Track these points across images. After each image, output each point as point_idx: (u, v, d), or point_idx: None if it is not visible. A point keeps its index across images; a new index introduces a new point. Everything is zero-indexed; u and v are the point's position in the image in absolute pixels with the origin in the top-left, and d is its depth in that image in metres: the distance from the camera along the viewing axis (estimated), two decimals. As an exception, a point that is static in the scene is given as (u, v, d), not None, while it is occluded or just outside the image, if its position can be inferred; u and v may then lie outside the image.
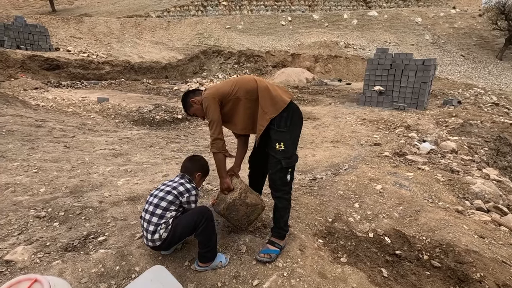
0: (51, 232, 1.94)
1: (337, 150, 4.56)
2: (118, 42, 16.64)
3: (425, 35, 22.55)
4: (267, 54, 19.20)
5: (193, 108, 1.92)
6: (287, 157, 1.78)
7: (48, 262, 1.63)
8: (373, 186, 2.99)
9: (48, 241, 1.84)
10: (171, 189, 1.70)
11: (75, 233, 1.94)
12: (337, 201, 2.64)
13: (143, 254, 1.72)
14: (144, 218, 1.65)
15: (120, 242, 1.85)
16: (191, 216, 1.63)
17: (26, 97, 8.14)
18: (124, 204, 2.37)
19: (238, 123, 1.88)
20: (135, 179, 2.89)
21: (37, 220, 2.06)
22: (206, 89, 1.91)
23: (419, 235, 2.14)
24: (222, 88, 1.82)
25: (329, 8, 29.94)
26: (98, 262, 1.62)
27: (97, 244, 1.83)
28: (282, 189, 1.85)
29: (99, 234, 1.94)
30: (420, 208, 2.51)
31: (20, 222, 2.03)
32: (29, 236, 1.89)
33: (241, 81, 1.85)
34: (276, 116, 1.77)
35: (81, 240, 1.87)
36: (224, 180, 1.90)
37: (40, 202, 2.35)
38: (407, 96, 9.40)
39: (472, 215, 2.62)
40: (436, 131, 6.34)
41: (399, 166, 3.85)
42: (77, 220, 2.10)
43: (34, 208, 2.23)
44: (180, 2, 24.24)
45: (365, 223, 2.30)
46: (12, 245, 1.79)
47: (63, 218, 2.11)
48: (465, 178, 3.34)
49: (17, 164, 3.02)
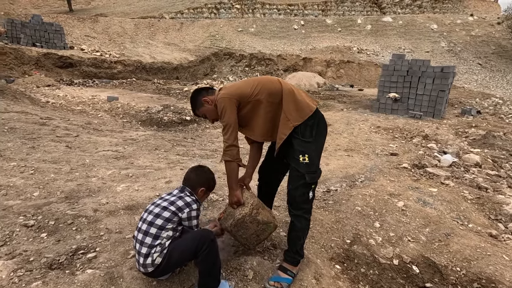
0: (37, 245, 1.75)
1: (351, 159, 4.28)
2: (131, 42, 16.74)
3: (440, 42, 22.02)
4: (278, 57, 19.02)
5: (204, 108, 1.70)
6: (311, 171, 1.58)
7: (28, 283, 1.43)
8: (394, 203, 2.71)
9: (32, 256, 1.65)
10: (168, 205, 1.47)
11: (63, 247, 1.74)
12: (355, 218, 2.38)
13: (136, 278, 1.51)
14: (137, 239, 1.43)
15: (111, 261, 1.63)
16: (192, 240, 1.39)
17: (37, 94, 8.13)
18: (121, 214, 2.17)
19: (256, 128, 1.66)
20: (136, 185, 2.69)
21: (24, 230, 1.87)
22: (221, 88, 1.68)
23: (452, 265, 1.86)
24: (242, 88, 1.61)
25: (342, 13, 29.65)
26: (83, 286, 1.41)
27: (86, 261, 1.62)
28: (302, 207, 1.64)
29: (89, 249, 1.73)
30: (450, 232, 2.22)
31: (5, 231, 1.84)
32: (13, 248, 1.70)
33: (263, 81, 1.63)
34: (300, 124, 1.57)
35: (68, 256, 1.67)
36: (235, 193, 1.66)
37: (31, 208, 2.17)
38: (423, 104, 9.04)
39: (508, 240, 2.31)
40: (456, 142, 5.98)
41: (420, 180, 3.55)
42: (68, 231, 1.90)
43: (24, 215, 2.05)
44: (193, 4, 24.37)
45: (388, 247, 2.04)
46: (-8, 258, 1.60)
47: (52, 228, 1.92)
48: (496, 197, 3.02)
49: (13, 164, 2.87)
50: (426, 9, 31.90)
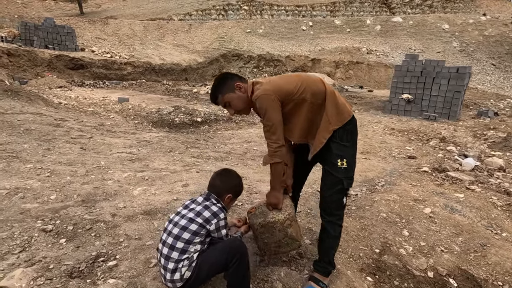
0: (56, 251, 1.69)
1: (369, 163, 4.15)
2: (140, 44, 16.86)
3: (452, 42, 21.60)
4: (286, 58, 18.92)
5: (233, 94, 1.52)
6: (349, 177, 1.52)
7: (49, 292, 1.37)
8: (420, 209, 2.59)
9: (52, 263, 1.59)
10: (194, 216, 1.37)
11: (83, 254, 1.68)
12: (381, 226, 2.27)
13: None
14: (162, 253, 1.34)
15: (133, 270, 1.56)
16: (221, 252, 1.31)
17: (50, 95, 8.20)
18: (139, 219, 2.10)
19: (295, 129, 1.56)
20: (153, 189, 2.63)
21: (42, 235, 1.82)
22: (256, 82, 1.55)
23: (493, 278, 1.74)
24: (286, 86, 1.49)
25: (351, 13, 29.39)
26: (106, 297, 1.34)
27: (107, 270, 1.56)
28: (336, 213, 1.57)
29: (110, 257, 1.66)
30: (486, 242, 2.09)
31: (24, 236, 1.79)
32: (32, 255, 1.64)
33: (307, 80, 1.53)
34: (339, 128, 1.50)
35: (88, 263, 1.60)
36: (278, 195, 1.56)
37: (49, 212, 2.12)
38: (438, 106, 8.82)
39: (547, 251, 2.17)
40: (476, 145, 5.78)
41: (444, 185, 3.41)
42: (87, 237, 1.84)
43: (42, 219, 2.00)
44: (202, 6, 24.47)
45: (421, 257, 1.92)
46: (11, 265, 1.55)
47: (71, 233, 1.86)
48: (528, 204, 2.86)
49: (30, 166, 2.84)
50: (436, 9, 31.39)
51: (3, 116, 4.46)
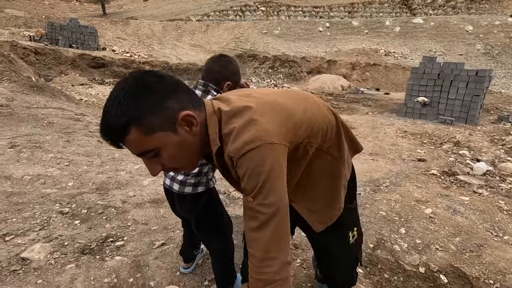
0: (71, 231, 1.86)
1: (376, 164, 4.16)
2: (159, 44, 17.35)
3: (476, 44, 20.85)
4: (302, 59, 18.89)
5: (174, 136, 0.71)
6: (359, 246, 1.12)
7: (63, 265, 1.53)
8: (421, 209, 2.60)
9: (67, 240, 1.75)
10: None
11: (94, 234, 1.84)
12: (379, 223, 2.31)
13: (160, 267, 1.56)
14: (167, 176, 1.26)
15: (137, 250, 1.71)
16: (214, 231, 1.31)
17: (72, 92, 8.64)
18: (147, 207, 2.26)
19: (316, 202, 0.94)
20: (161, 180, 2.78)
21: (59, 216, 2.00)
22: (220, 99, 0.83)
23: (485, 277, 1.76)
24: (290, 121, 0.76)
25: (369, 14, 28.94)
26: (112, 271, 1.49)
27: (114, 249, 1.71)
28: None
29: (118, 238, 1.82)
30: (483, 243, 2.10)
31: (44, 216, 1.98)
32: (50, 232, 1.82)
33: (311, 107, 0.83)
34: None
35: (99, 242, 1.76)
36: None
37: (66, 197, 2.31)
38: (455, 109, 8.60)
39: (549, 256, 2.14)
40: (491, 150, 5.63)
41: (451, 188, 3.38)
42: (98, 220, 2.01)
43: (60, 203, 2.19)
44: (219, 7, 24.84)
45: (414, 254, 1.96)
46: (32, 241, 1.73)
47: (85, 216, 2.04)
48: (536, 209, 2.81)
49: (51, 156, 3.07)
50: (460, 10, 30.33)
51: (29, 110, 4.79)
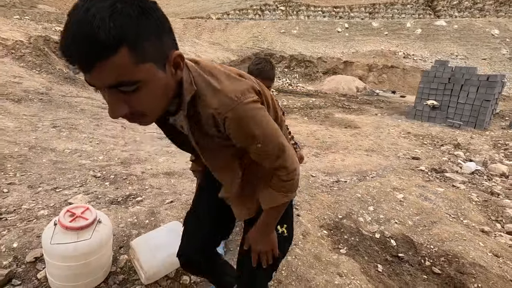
0: (103, 189, 2.41)
1: (368, 158, 4.52)
2: (179, 41, 17.91)
3: (501, 49, 20.24)
4: (318, 60, 19.10)
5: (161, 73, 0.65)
6: (288, 245, 1.07)
7: (98, 209, 2.07)
8: (394, 195, 2.99)
9: (100, 195, 2.30)
10: None
11: (120, 192, 2.38)
12: (352, 202, 2.73)
13: (168, 215, 2.07)
14: None
15: (152, 204, 2.23)
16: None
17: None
18: (161, 177, 2.79)
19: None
20: (174, 159, 3.32)
21: (94, 179, 2.57)
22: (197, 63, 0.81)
23: (428, 243, 2.15)
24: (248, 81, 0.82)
25: (391, 16, 28.53)
26: (134, 215, 2.01)
27: (135, 202, 2.24)
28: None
29: (138, 196, 2.35)
30: (438, 221, 2.47)
31: (82, 178, 2.55)
32: (87, 189, 2.38)
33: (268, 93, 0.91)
34: None
35: (123, 198, 2.30)
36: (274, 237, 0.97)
37: (98, 167, 2.88)
38: (464, 114, 8.68)
39: (498, 237, 2.49)
40: (490, 153, 5.81)
41: (432, 182, 3.71)
42: (123, 183, 2.56)
43: (93, 170, 2.76)
44: (239, 5, 25.39)
45: (375, 224, 2.37)
46: (75, 193, 2.29)
47: (113, 179, 2.59)
48: (502, 201, 3.12)
49: (84, 136, 3.68)
50: (488, 12, 29.27)
51: (64, 98, 5.50)
